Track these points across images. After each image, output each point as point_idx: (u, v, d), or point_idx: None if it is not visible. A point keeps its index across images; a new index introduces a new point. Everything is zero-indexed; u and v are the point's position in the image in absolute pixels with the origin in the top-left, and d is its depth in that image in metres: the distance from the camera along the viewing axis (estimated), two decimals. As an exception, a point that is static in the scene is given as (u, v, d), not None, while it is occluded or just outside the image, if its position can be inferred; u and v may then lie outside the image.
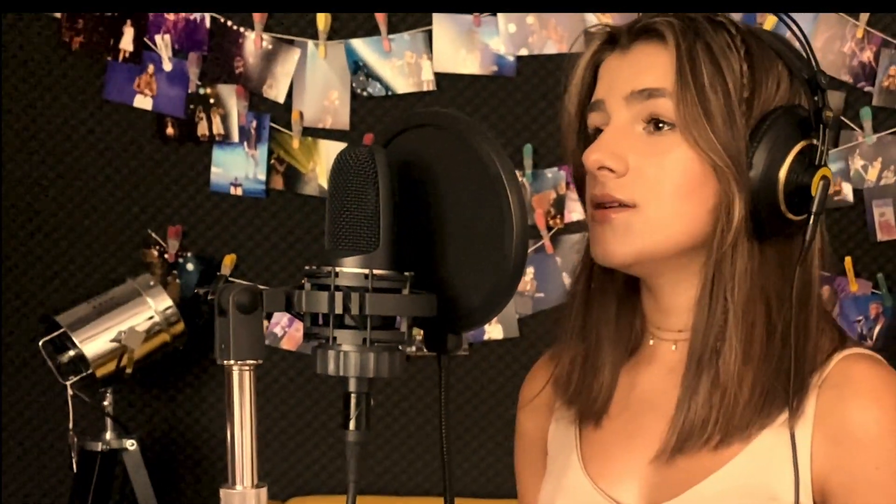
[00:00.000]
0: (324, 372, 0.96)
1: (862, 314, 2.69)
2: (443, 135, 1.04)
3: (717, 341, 1.21)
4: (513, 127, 2.76)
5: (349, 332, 0.96)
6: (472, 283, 1.03)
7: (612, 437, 1.31)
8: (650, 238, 1.21)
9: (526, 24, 2.71)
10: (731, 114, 1.20)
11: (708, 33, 1.21)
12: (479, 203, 1.01)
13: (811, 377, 1.21)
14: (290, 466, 2.84)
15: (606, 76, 1.27)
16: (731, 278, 1.21)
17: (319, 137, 2.76)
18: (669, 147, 1.21)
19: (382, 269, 0.97)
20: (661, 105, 1.21)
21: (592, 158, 1.22)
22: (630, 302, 1.32)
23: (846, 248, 2.71)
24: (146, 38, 2.76)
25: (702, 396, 1.21)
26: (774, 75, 1.23)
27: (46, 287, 2.80)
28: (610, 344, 1.31)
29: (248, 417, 0.94)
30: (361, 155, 0.99)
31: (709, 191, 1.21)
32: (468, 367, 2.80)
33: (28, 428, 2.83)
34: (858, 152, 2.68)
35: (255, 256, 2.81)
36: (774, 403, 1.20)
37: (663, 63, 1.22)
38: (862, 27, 2.66)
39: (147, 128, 2.78)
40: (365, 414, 0.98)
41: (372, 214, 0.98)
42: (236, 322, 0.93)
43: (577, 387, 1.32)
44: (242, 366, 0.94)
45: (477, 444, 2.81)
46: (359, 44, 2.75)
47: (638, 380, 1.31)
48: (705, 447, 1.22)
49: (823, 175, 1.20)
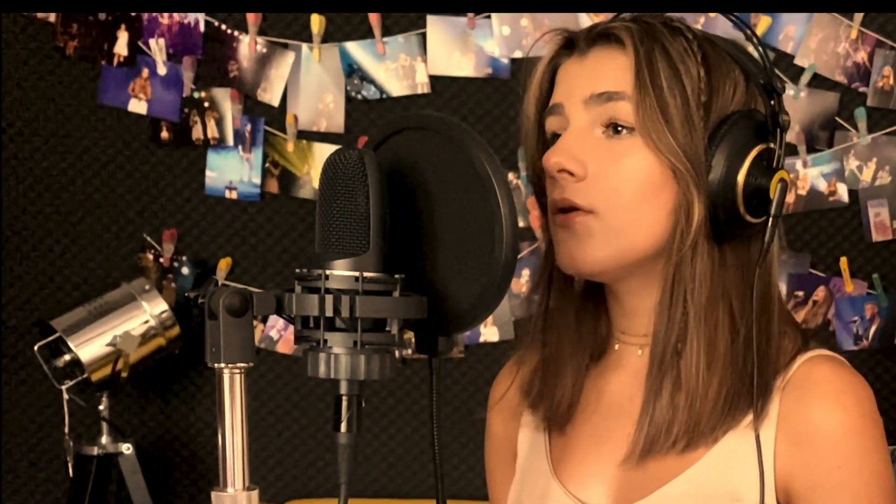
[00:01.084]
0: (315, 374, 0.96)
1: (857, 315, 2.69)
2: (433, 138, 1.04)
3: (679, 342, 1.22)
4: (508, 129, 2.75)
5: (340, 334, 0.96)
6: (463, 285, 1.03)
7: (580, 440, 1.32)
8: (613, 243, 1.22)
9: (520, 27, 2.71)
10: (690, 117, 1.20)
11: (665, 38, 1.22)
12: (469, 206, 1.02)
13: (775, 379, 1.23)
14: (287, 469, 2.84)
15: (565, 80, 1.27)
16: (691, 280, 1.22)
17: (314, 141, 2.76)
18: (628, 151, 1.22)
19: (373, 272, 0.98)
20: (621, 108, 1.22)
21: (553, 161, 1.22)
22: (592, 307, 1.33)
23: (841, 249, 2.71)
24: (140, 42, 2.76)
25: (665, 399, 1.22)
26: (731, 80, 1.24)
27: (42, 291, 2.80)
28: (571, 349, 1.32)
29: (238, 420, 0.94)
30: (351, 158, 0.99)
31: (668, 194, 1.21)
32: (464, 369, 2.80)
33: (24, 433, 2.83)
34: (853, 153, 2.68)
35: (251, 260, 2.81)
36: (739, 406, 1.21)
37: (622, 67, 1.23)
38: (856, 28, 2.66)
39: (142, 132, 2.78)
40: (356, 416, 0.98)
41: (362, 217, 0.98)
42: (227, 325, 0.93)
43: (539, 392, 1.33)
44: (233, 369, 0.94)
45: (473, 446, 2.80)
46: (353, 47, 2.74)
47: (605, 385, 1.32)
48: (672, 450, 1.23)
49: (781, 178, 1.22)
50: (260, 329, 2.73)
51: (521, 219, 2.74)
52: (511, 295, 2.74)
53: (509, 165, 2.73)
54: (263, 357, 2.75)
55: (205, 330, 0.93)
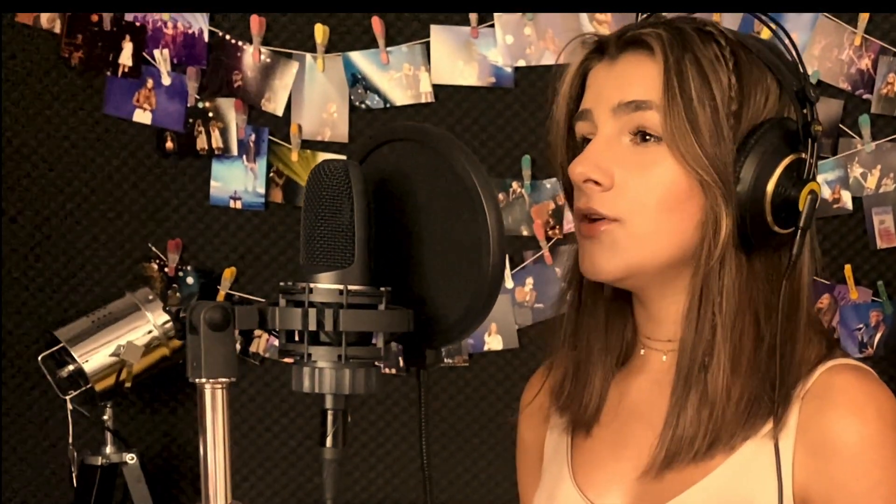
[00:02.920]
0: (299, 389, 0.96)
1: (862, 322, 2.68)
2: (419, 149, 1.04)
3: (706, 356, 1.21)
4: (511, 138, 2.75)
5: (324, 348, 0.96)
6: (450, 298, 1.03)
7: (601, 446, 1.32)
8: (637, 253, 1.21)
9: (524, 35, 2.71)
10: (719, 127, 1.19)
11: (696, 45, 1.20)
12: (456, 218, 1.01)
13: (795, 388, 1.21)
14: (285, 484, 2.84)
15: (594, 86, 1.26)
16: (718, 293, 1.20)
17: (318, 150, 2.76)
18: (655, 160, 1.20)
19: (358, 285, 0.97)
20: (648, 117, 1.20)
21: (578, 171, 1.22)
22: (620, 311, 1.32)
23: (846, 256, 2.70)
24: (145, 52, 2.75)
25: (690, 412, 1.22)
26: (763, 88, 1.22)
27: (47, 302, 2.79)
28: (600, 353, 1.32)
29: (220, 436, 0.94)
30: (336, 169, 0.99)
31: (695, 205, 1.20)
32: (468, 378, 2.79)
33: (28, 442, 2.82)
34: (857, 160, 2.67)
35: (255, 269, 2.80)
36: (759, 414, 1.21)
37: (651, 75, 1.21)
38: (860, 34, 2.65)
39: (147, 142, 2.78)
40: (342, 431, 0.98)
41: (347, 229, 0.98)
42: (208, 339, 0.93)
43: (570, 395, 1.33)
44: (215, 384, 0.94)
45: (477, 455, 2.80)
46: (357, 56, 2.74)
47: (628, 389, 1.32)
48: (692, 460, 1.22)
49: (811, 189, 1.20)
50: (265, 339, 2.72)
51: (525, 227, 2.74)
52: (515, 304, 2.74)
53: (513, 174, 2.73)
54: (268, 367, 2.74)
55: (186, 344, 0.93)
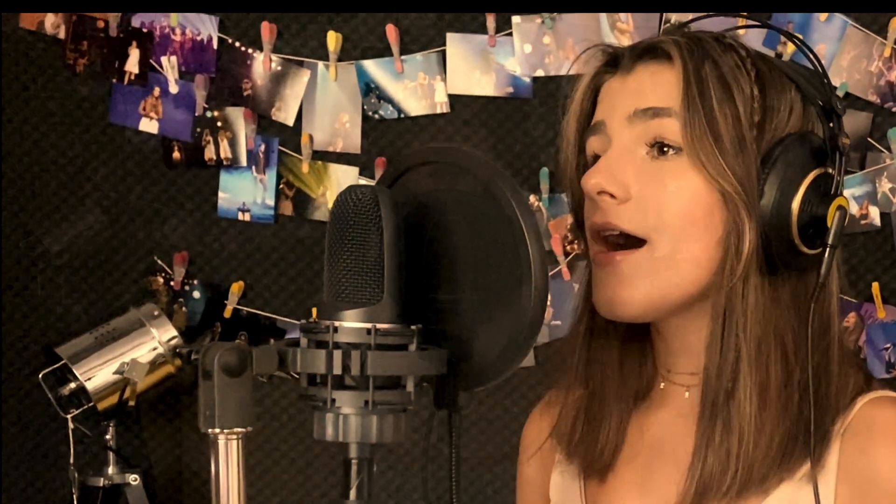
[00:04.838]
0: (321, 437, 0.88)
1: (890, 342, 2.61)
2: (453, 173, 0.96)
3: (730, 382, 1.13)
4: (529, 150, 2.71)
5: (349, 393, 0.88)
6: (487, 335, 0.95)
7: (622, 487, 1.24)
8: (658, 281, 1.14)
9: (542, 45, 2.66)
10: (742, 138, 1.13)
11: (716, 53, 1.15)
12: (494, 250, 0.93)
13: (833, 424, 1.14)
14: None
15: (608, 98, 1.20)
16: (742, 314, 1.13)
17: (330, 161, 2.72)
18: (675, 173, 1.14)
19: (387, 323, 0.89)
20: (667, 126, 1.14)
21: (592, 182, 1.15)
22: (637, 343, 1.25)
23: (873, 274, 2.64)
24: (152, 59, 2.72)
25: (717, 445, 1.14)
26: (787, 100, 1.17)
27: (49, 316, 2.76)
28: (615, 390, 1.24)
29: (235, 491, 0.85)
30: (364, 196, 0.91)
31: (717, 220, 1.14)
32: (482, 396, 2.74)
33: (27, 462, 2.79)
34: (886, 175, 2.61)
35: (264, 284, 2.76)
36: (794, 454, 1.13)
37: (669, 82, 1.15)
38: (889, 46, 2.60)
39: (153, 151, 2.74)
40: (367, 482, 0.90)
41: (375, 262, 0.90)
42: (222, 386, 0.84)
43: (581, 438, 1.25)
44: (229, 435, 0.85)
45: (491, 476, 2.74)
46: (370, 65, 2.70)
47: (648, 425, 1.24)
48: (723, 500, 1.14)
49: (839, 205, 1.14)
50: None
51: (544, 242, 2.68)
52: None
53: (530, 187, 2.68)
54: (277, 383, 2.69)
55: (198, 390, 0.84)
